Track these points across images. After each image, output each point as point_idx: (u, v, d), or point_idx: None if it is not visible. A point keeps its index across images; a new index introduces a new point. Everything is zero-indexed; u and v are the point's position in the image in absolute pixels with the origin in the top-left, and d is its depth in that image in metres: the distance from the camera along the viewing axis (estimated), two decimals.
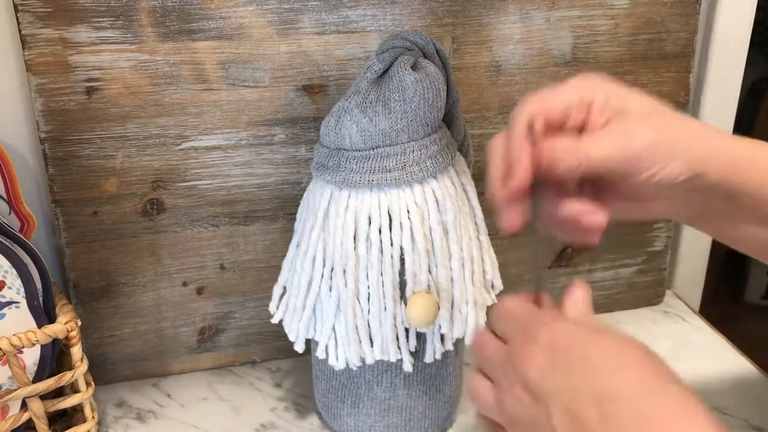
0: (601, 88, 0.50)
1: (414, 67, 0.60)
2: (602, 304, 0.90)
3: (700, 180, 0.49)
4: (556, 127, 0.49)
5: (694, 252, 0.95)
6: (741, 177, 0.50)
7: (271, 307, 0.67)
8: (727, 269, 1.79)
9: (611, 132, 0.48)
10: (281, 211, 0.76)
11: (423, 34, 0.62)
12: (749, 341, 0.86)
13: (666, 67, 0.81)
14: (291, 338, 0.65)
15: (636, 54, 0.80)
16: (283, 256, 0.67)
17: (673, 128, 0.49)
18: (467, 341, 0.64)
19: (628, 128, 0.48)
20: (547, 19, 0.76)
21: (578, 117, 0.49)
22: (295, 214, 0.67)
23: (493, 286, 0.67)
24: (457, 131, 0.66)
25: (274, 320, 0.67)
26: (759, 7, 0.84)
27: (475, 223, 0.64)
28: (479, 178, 0.79)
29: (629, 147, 0.48)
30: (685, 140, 0.49)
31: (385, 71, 0.60)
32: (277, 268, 0.67)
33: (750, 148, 0.51)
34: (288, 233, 0.69)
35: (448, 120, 0.65)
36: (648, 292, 0.91)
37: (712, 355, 0.82)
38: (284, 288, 0.67)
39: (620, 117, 0.48)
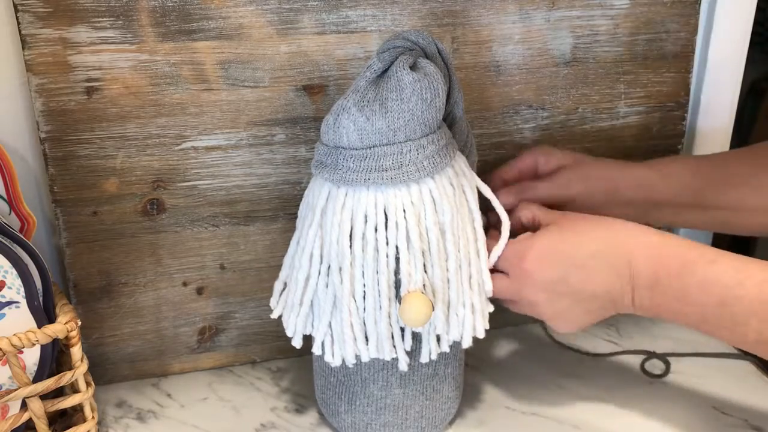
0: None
1: (413, 67, 0.60)
2: None
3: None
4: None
5: None
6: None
7: (272, 302, 0.67)
8: None
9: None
10: (281, 211, 0.76)
11: (425, 34, 0.62)
12: None
13: (666, 67, 0.81)
14: (289, 333, 0.65)
15: (636, 54, 0.80)
16: (283, 256, 0.67)
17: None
18: (465, 345, 0.64)
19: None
20: (546, 19, 0.76)
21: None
22: (295, 213, 0.67)
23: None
24: (460, 132, 0.66)
25: (274, 315, 0.67)
26: (759, 8, 0.84)
27: (474, 227, 0.63)
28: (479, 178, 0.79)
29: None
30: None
31: (385, 71, 0.60)
32: (277, 268, 0.68)
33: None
34: (288, 233, 0.69)
35: (450, 120, 0.65)
36: None
37: (712, 355, 0.82)
38: (285, 284, 0.67)
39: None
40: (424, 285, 0.60)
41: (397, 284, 0.61)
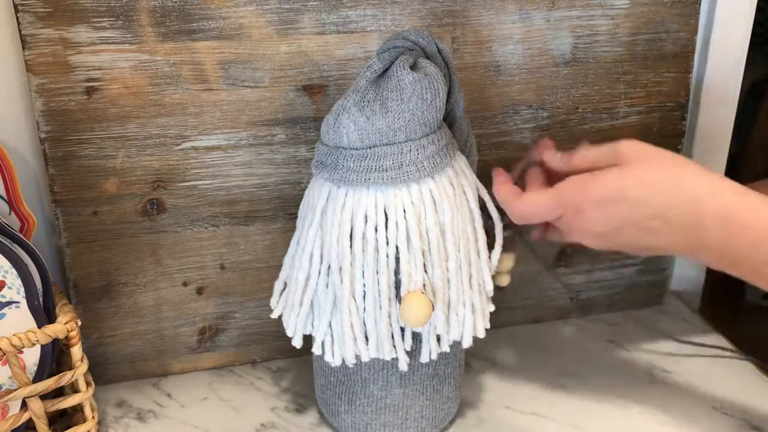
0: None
1: (414, 67, 0.60)
2: (602, 304, 0.90)
3: None
4: None
5: None
6: None
7: (272, 302, 0.67)
8: None
9: None
10: (281, 211, 0.76)
11: (425, 33, 0.62)
12: (749, 341, 0.86)
13: (666, 67, 0.81)
14: (289, 333, 0.65)
15: (636, 54, 0.80)
16: (283, 256, 0.67)
17: None
18: (465, 344, 0.64)
19: None
20: (546, 19, 0.76)
21: None
22: (295, 213, 0.67)
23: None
24: (460, 131, 0.66)
25: (274, 315, 0.67)
26: (759, 8, 0.84)
27: (474, 227, 0.64)
28: (479, 178, 0.79)
29: None
30: None
31: (385, 71, 0.60)
32: (277, 268, 0.68)
33: None
34: (288, 233, 0.69)
35: (450, 120, 0.65)
36: (648, 292, 0.91)
37: (712, 355, 0.82)
38: (285, 284, 0.67)
39: None
40: (424, 285, 0.60)
41: (397, 284, 0.61)
